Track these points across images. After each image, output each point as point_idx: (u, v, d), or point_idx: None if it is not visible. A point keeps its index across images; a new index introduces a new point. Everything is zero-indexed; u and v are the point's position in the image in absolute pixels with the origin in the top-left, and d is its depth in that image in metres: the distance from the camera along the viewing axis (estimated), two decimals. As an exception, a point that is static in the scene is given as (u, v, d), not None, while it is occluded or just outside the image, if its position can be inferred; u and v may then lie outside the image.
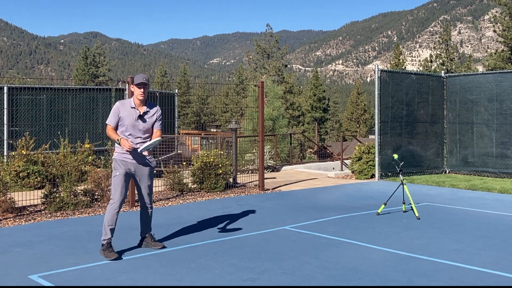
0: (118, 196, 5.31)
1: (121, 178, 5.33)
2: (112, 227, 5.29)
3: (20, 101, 12.60)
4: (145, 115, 5.39)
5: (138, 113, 5.36)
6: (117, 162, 5.37)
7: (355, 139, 23.95)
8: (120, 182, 5.32)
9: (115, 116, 5.33)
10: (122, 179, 5.33)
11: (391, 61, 52.89)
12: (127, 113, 5.34)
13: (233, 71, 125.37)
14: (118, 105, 5.39)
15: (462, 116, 12.65)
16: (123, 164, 5.35)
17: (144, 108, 5.39)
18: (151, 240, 5.64)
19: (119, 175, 5.33)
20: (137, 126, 5.35)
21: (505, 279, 4.66)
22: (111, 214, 5.28)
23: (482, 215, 7.75)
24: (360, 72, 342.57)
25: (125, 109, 5.35)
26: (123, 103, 5.42)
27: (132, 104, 5.38)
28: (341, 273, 4.77)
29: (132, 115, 5.34)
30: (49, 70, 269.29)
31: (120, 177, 5.32)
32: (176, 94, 17.99)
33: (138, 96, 5.35)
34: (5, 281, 4.52)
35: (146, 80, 5.35)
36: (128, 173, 5.40)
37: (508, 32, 30.19)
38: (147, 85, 5.37)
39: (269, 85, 18.56)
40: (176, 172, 9.74)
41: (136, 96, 5.36)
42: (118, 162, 5.37)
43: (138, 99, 5.36)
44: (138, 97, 5.35)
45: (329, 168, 15.35)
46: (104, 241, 5.26)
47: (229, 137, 15.29)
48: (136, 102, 5.38)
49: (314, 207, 8.30)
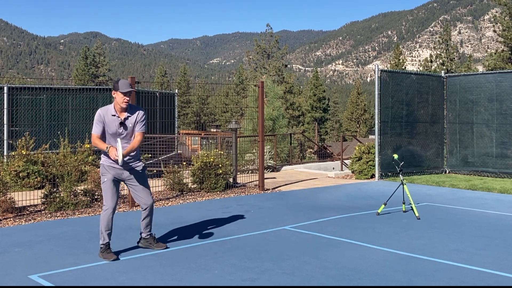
0: (110, 201, 5.26)
1: (109, 184, 5.27)
2: (109, 231, 5.28)
3: (20, 101, 12.60)
4: (126, 120, 5.28)
5: (119, 120, 5.25)
6: (104, 168, 5.30)
7: (355, 139, 23.95)
8: (109, 187, 5.27)
9: (100, 124, 5.23)
10: (111, 184, 5.27)
11: (391, 61, 52.89)
12: (109, 121, 5.24)
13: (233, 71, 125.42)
14: (100, 113, 5.25)
15: (462, 116, 12.65)
16: (111, 170, 5.29)
17: (124, 114, 5.27)
18: (153, 241, 5.61)
19: (107, 181, 5.27)
20: (120, 133, 5.26)
21: (505, 279, 4.66)
22: (105, 219, 5.24)
23: (482, 215, 7.75)
24: (360, 72, 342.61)
25: (107, 117, 5.24)
26: (105, 110, 5.27)
27: (112, 111, 5.25)
28: (341, 273, 4.77)
29: (114, 123, 5.24)
30: (49, 70, 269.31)
31: (108, 183, 5.27)
32: (176, 94, 17.99)
33: (122, 104, 5.21)
34: (5, 281, 4.52)
35: (131, 86, 5.23)
36: (117, 178, 5.33)
37: (508, 32, 30.20)
38: (132, 92, 5.27)
39: (269, 85, 18.56)
40: (176, 172, 9.74)
41: (120, 104, 5.21)
42: (105, 167, 5.29)
43: (121, 107, 5.23)
44: (121, 105, 5.21)
45: (329, 168, 15.35)
46: (102, 244, 5.26)
47: (229, 137, 15.30)
48: (118, 108, 5.25)
49: (314, 207, 8.30)
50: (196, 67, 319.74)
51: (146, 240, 5.63)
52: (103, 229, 5.25)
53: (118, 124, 5.24)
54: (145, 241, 5.64)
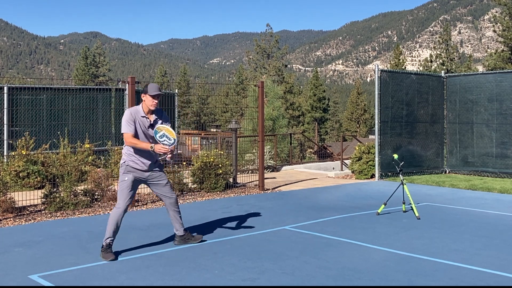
0: (124, 201, 5.33)
1: (129, 184, 5.34)
2: (116, 230, 5.32)
3: (20, 101, 12.60)
4: (156, 123, 5.42)
5: (149, 122, 5.38)
6: (128, 168, 5.36)
7: (355, 139, 23.95)
8: (128, 187, 5.34)
9: (132, 123, 5.31)
10: (130, 186, 5.36)
11: (391, 61, 52.89)
12: (139, 122, 5.35)
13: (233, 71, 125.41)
14: (132, 112, 5.35)
15: (462, 116, 12.65)
16: (136, 172, 5.36)
17: (153, 117, 5.41)
18: (190, 236, 5.75)
19: (128, 180, 5.34)
20: (148, 134, 5.39)
21: (505, 279, 4.66)
22: (115, 218, 5.30)
23: (482, 215, 7.75)
24: (360, 72, 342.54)
25: (138, 117, 5.36)
26: (136, 111, 5.39)
27: (142, 113, 5.37)
28: (341, 273, 4.77)
29: (144, 124, 5.36)
30: (49, 70, 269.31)
31: (128, 183, 5.34)
32: (176, 94, 17.99)
33: (151, 107, 5.34)
34: (5, 281, 4.52)
35: (160, 90, 5.38)
36: (138, 180, 5.42)
37: (508, 32, 30.19)
38: (161, 95, 5.41)
39: (269, 85, 18.55)
40: (176, 172, 9.74)
41: (149, 106, 5.35)
42: (130, 168, 5.36)
43: (150, 109, 5.37)
44: (150, 107, 5.35)
45: (329, 168, 15.35)
46: (105, 241, 5.27)
47: (229, 137, 15.29)
48: (146, 110, 5.38)
49: (314, 207, 8.30)
50: (196, 67, 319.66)
51: (182, 237, 5.70)
52: (111, 226, 5.29)
53: (148, 125, 5.37)
54: (181, 239, 5.71)
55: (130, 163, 5.36)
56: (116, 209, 5.32)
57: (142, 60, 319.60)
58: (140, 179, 5.42)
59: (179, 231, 5.71)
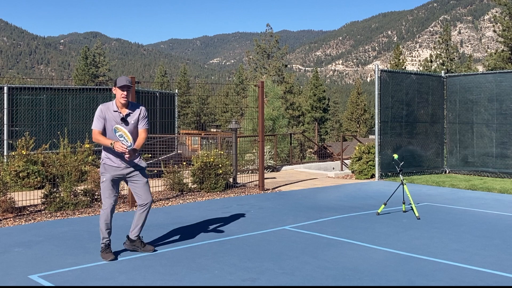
0: (108, 201, 5.26)
1: (108, 184, 5.26)
2: (109, 230, 5.28)
3: (20, 101, 12.60)
4: (128, 117, 5.27)
5: (121, 116, 5.25)
6: (105, 167, 5.28)
7: (355, 139, 23.95)
8: (108, 187, 5.26)
9: (101, 119, 5.22)
10: (110, 184, 5.26)
11: (391, 61, 52.87)
12: (110, 117, 5.23)
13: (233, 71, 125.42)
14: (101, 108, 5.25)
15: (462, 116, 12.65)
16: (112, 170, 5.26)
17: (126, 111, 5.28)
18: (140, 244, 5.49)
19: (106, 180, 5.26)
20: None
21: (505, 279, 4.66)
22: (104, 218, 5.25)
23: (482, 215, 7.75)
24: (360, 72, 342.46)
25: (109, 112, 5.24)
26: (107, 106, 5.28)
27: (114, 107, 5.26)
28: (341, 273, 4.77)
29: (115, 118, 5.23)
30: (49, 70, 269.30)
31: (107, 183, 5.26)
32: (176, 94, 18.00)
33: (121, 100, 5.22)
34: (5, 281, 4.52)
35: (129, 82, 5.23)
36: (116, 178, 5.31)
37: (508, 32, 30.19)
38: (130, 87, 5.25)
39: (269, 85, 18.56)
40: (176, 172, 9.74)
41: (119, 99, 5.23)
42: (106, 167, 5.27)
43: (121, 102, 5.24)
44: (120, 100, 5.22)
45: (329, 168, 15.35)
46: (102, 243, 5.27)
47: (229, 137, 15.30)
48: (119, 104, 5.26)
49: (314, 207, 8.30)
50: (196, 67, 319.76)
51: (132, 242, 5.49)
52: (103, 227, 5.26)
53: (120, 119, 5.24)
54: (131, 244, 5.49)
55: (107, 161, 5.29)
56: (102, 210, 5.27)
57: (142, 60, 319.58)
58: (118, 176, 5.30)
59: (133, 234, 5.47)
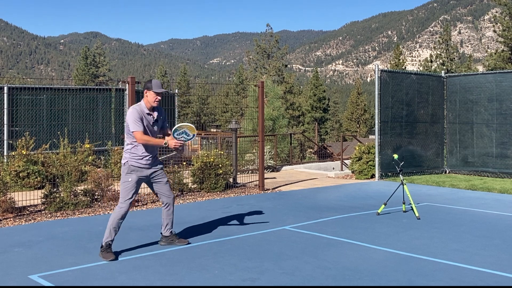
0: (127, 202, 5.35)
1: (133, 184, 5.37)
2: (116, 229, 5.33)
3: (20, 101, 12.60)
4: (159, 119, 5.52)
5: (154, 118, 5.46)
6: (132, 168, 5.38)
7: (355, 139, 23.95)
8: (132, 187, 5.37)
9: (140, 120, 5.34)
10: (135, 185, 5.39)
11: (391, 61, 52.87)
12: (145, 119, 5.40)
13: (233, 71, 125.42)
14: (137, 110, 5.37)
15: (462, 116, 12.65)
16: (139, 171, 5.38)
17: (156, 114, 5.49)
18: (175, 238, 5.74)
19: (132, 181, 5.37)
20: (153, 130, 5.45)
21: (505, 279, 4.66)
22: (118, 217, 5.31)
23: (482, 215, 7.75)
24: (360, 72, 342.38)
25: (144, 114, 5.40)
26: (140, 108, 5.42)
27: (146, 109, 5.43)
28: (341, 273, 4.77)
29: (149, 120, 5.42)
30: (49, 70, 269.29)
31: (132, 184, 5.37)
32: (176, 94, 17.99)
33: (153, 103, 5.41)
34: (5, 281, 4.52)
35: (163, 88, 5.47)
36: (141, 179, 5.44)
37: (508, 32, 30.19)
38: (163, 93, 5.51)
39: (269, 85, 18.55)
40: (176, 172, 9.74)
41: (151, 103, 5.40)
42: (133, 168, 5.38)
43: (152, 106, 5.43)
44: (153, 104, 5.41)
45: (329, 168, 15.35)
46: (105, 242, 5.27)
47: (229, 137, 15.29)
48: (149, 107, 5.43)
49: (314, 207, 8.30)
50: (196, 67, 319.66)
51: (167, 238, 5.71)
52: (112, 225, 5.29)
53: (153, 122, 5.46)
54: (166, 240, 5.71)
55: (133, 162, 5.38)
56: (119, 209, 5.32)
57: (142, 60, 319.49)
58: (143, 177, 5.44)
59: (166, 231, 5.72)
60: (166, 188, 5.60)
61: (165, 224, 5.69)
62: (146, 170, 5.43)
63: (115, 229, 5.31)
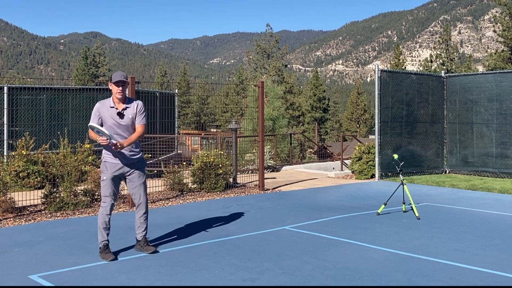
0: (108, 199, 5.29)
1: (108, 182, 5.29)
2: (107, 230, 5.29)
3: (20, 101, 12.60)
4: (124, 111, 5.30)
5: (117, 111, 5.28)
6: (105, 166, 5.31)
7: (355, 139, 23.95)
8: (108, 185, 5.29)
9: (96, 117, 5.26)
10: (110, 183, 5.29)
11: (391, 61, 52.86)
12: (107, 113, 5.26)
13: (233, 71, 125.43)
14: (98, 105, 5.30)
15: (462, 116, 12.65)
16: (112, 167, 5.29)
17: (123, 106, 5.31)
18: (144, 243, 5.49)
19: (106, 179, 5.29)
20: (117, 124, 5.27)
21: (505, 279, 4.66)
22: (102, 217, 5.27)
23: (482, 215, 7.75)
24: (360, 72, 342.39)
25: (105, 109, 5.27)
26: (103, 103, 5.32)
27: (111, 103, 5.29)
28: (341, 273, 4.77)
29: (112, 114, 5.26)
30: (49, 70, 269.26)
31: (107, 181, 5.29)
32: (176, 94, 17.99)
33: (117, 95, 5.25)
34: (5, 281, 4.52)
35: (124, 77, 5.27)
36: (117, 176, 5.34)
37: (508, 32, 30.19)
38: (126, 82, 5.27)
39: (269, 85, 18.56)
40: (176, 172, 9.74)
41: (115, 95, 5.27)
42: (106, 165, 5.31)
43: (117, 98, 5.27)
44: (116, 96, 5.26)
45: (329, 168, 15.35)
46: (101, 243, 5.27)
47: (229, 137, 15.30)
48: (115, 100, 5.29)
49: (314, 207, 8.30)
50: (196, 67, 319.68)
51: (138, 242, 5.51)
52: (100, 226, 5.27)
53: (116, 114, 5.26)
54: (137, 244, 5.52)
55: (107, 158, 5.32)
56: (101, 208, 5.30)
57: (142, 60, 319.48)
58: (117, 175, 5.32)
59: (138, 235, 5.51)
60: (138, 191, 5.41)
61: (137, 227, 5.50)
62: (120, 167, 5.30)
63: (104, 229, 5.27)
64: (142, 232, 5.51)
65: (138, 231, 5.52)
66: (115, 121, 5.26)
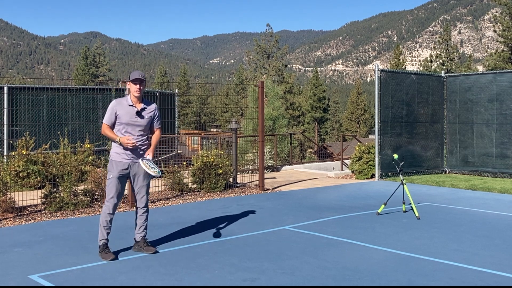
0: (112, 198, 5.28)
1: (114, 181, 5.29)
2: (108, 229, 5.29)
3: (20, 101, 12.60)
4: (143, 111, 5.34)
5: (136, 110, 5.30)
6: (112, 165, 5.32)
7: (355, 139, 23.95)
8: (114, 185, 5.28)
9: (112, 114, 5.28)
10: (116, 182, 5.29)
11: (391, 61, 52.88)
12: (124, 111, 5.28)
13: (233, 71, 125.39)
14: (114, 103, 5.32)
15: (462, 116, 12.65)
16: (119, 166, 5.29)
17: (141, 105, 5.34)
18: (143, 244, 5.47)
19: (113, 178, 5.29)
20: (135, 123, 5.30)
21: (505, 279, 4.66)
22: (105, 216, 5.27)
23: (482, 215, 7.75)
24: (360, 72, 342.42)
25: (122, 107, 5.29)
26: (120, 101, 5.35)
27: (129, 101, 5.31)
28: (341, 273, 4.77)
29: (130, 113, 5.28)
30: (49, 70, 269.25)
31: (113, 180, 5.29)
32: (176, 94, 17.99)
33: (135, 93, 5.29)
34: (5, 281, 4.52)
35: (142, 76, 5.30)
36: (123, 175, 5.33)
37: (508, 32, 30.20)
38: (143, 81, 5.30)
39: (269, 85, 18.55)
40: (176, 172, 9.74)
41: (133, 93, 5.30)
42: (113, 164, 5.31)
43: (135, 96, 5.30)
44: (134, 94, 5.29)
45: (329, 168, 15.35)
46: (100, 242, 5.26)
47: (229, 137, 15.30)
48: (133, 99, 5.32)
49: (314, 207, 8.30)
50: (196, 67, 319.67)
51: (137, 243, 5.49)
52: (102, 224, 5.27)
53: (135, 113, 5.30)
54: (136, 245, 5.50)
55: (115, 156, 5.32)
56: (104, 207, 5.29)
57: (142, 60, 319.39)
58: (124, 174, 5.32)
59: (137, 236, 5.50)
60: (142, 194, 5.41)
61: (137, 227, 5.49)
62: (126, 166, 5.30)
63: (105, 227, 5.26)
64: (141, 233, 5.50)
65: (137, 231, 5.51)
66: (132, 120, 5.29)
